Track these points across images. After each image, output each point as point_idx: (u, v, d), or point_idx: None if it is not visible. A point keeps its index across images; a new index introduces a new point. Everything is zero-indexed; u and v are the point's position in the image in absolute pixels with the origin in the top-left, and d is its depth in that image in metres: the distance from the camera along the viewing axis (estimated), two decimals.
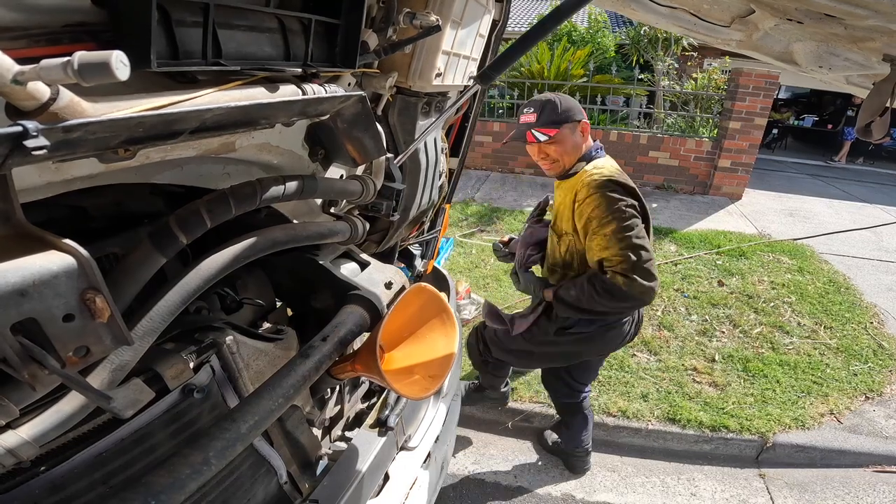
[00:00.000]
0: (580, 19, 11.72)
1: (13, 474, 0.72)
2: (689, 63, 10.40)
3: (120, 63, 0.33)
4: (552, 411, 2.92)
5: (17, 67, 0.33)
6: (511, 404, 3.32)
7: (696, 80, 8.24)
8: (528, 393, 3.44)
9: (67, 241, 0.43)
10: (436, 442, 1.67)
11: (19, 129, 0.32)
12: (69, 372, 0.46)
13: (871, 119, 1.10)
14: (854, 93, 1.66)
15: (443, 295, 1.26)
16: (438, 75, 1.26)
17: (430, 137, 1.45)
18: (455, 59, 1.33)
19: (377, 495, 1.35)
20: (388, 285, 1.27)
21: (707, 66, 9.60)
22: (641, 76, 9.07)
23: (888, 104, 1.07)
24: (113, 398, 0.52)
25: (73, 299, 0.44)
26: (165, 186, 1.10)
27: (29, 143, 0.32)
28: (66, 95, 0.37)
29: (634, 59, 9.70)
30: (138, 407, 0.72)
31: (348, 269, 1.25)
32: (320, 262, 1.20)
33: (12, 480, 0.72)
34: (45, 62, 0.33)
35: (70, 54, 0.35)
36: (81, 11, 0.48)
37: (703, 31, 1.44)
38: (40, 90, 0.35)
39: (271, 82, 0.66)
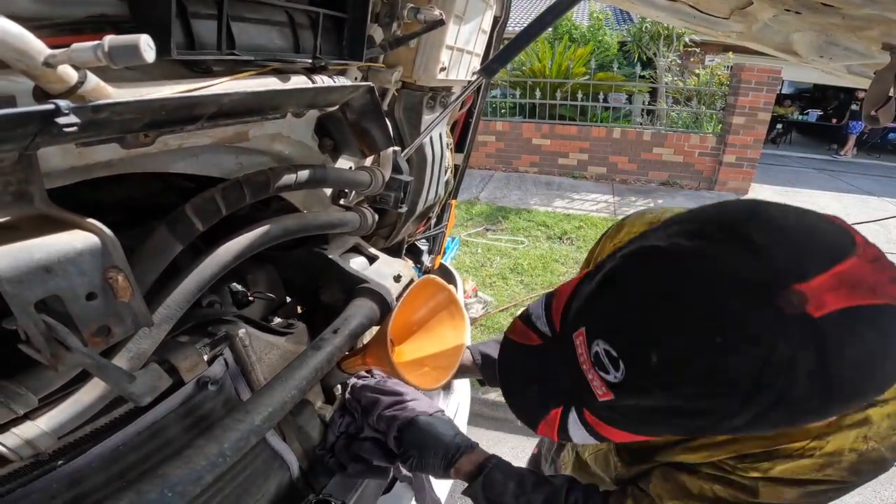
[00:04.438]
0: (581, 17, 11.73)
1: (30, 468, 0.72)
2: (691, 59, 10.39)
3: (147, 46, 0.35)
4: None
5: (48, 51, 0.35)
6: None
7: (698, 76, 8.24)
8: None
9: (91, 220, 0.45)
10: None
11: (51, 106, 0.34)
12: (92, 352, 0.48)
13: (875, 108, 1.11)
14: (856, 84, 1.67)
15: (451, 287, 1.27)
16: (443, 70, 1.28)
17: (436, 132, 1.47)
18: (459, 54, 1.35)
19: (389, 491, 1.36)
20: (397, 278, 1.29)
21: (709, 62, 9.59)
22: (643, 73, 9.08)
23: (891, 93, 1.08)
24: (135, 377, 0.53)
25: (96, 277, 0.46)
26: (177, 182, 1.12)
27: (61, 119, 0.34)
28: (93, 80, 0.39)
29: (636, 55, 9.69)
30: (156, 394, 0.73)
31: (357, 263, 1.27)
32: (329, 256, 1.22)
33: (29, 475, 0.72)
34: (76, 45, 0.35)
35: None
36: (102, 3, 0.51)
37: (703, 24, 1.45)
38: (69, 73, 0.37)
39: (282, 73, 0.69)
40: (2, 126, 0.33)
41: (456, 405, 1.91)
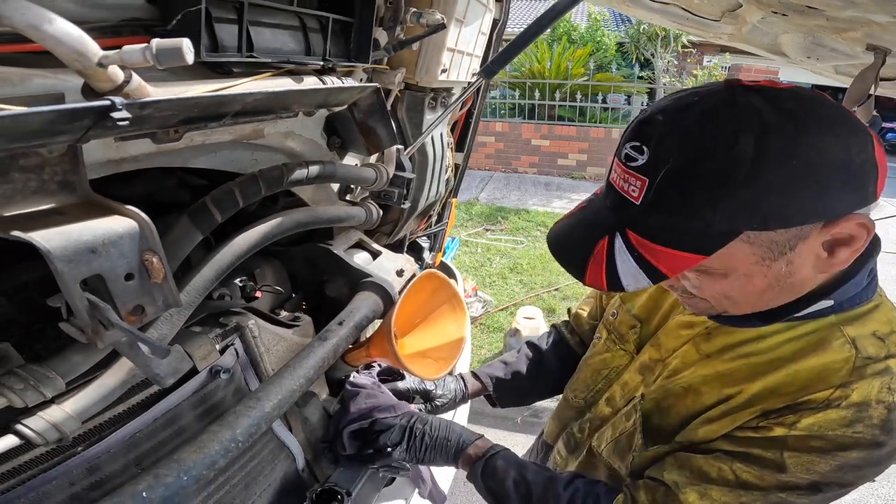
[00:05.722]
0: (580, 19, 11.77)
1: (51, 455, 0.75)
2: (689, 60, 10.45)
3: (188, 49, 0.39)
4: None
5: (101, 52, 0.39)
6: None
7: (696, 76, 8.30)
8: None
9: (130, 207, 0.49)
10: None
11: (108, 102, 0.38)
12: (131, 327, 0.52)
13: (855, 105, 1.15)
14: (844, 84, 1.71)
15: (452, 281, 1.31)
16: (444, 71, 1.33)
17: (437, 132, 1.52)
18: (459, 55, 1.40)
19: (391, 483, 1.39)
20: (400, 273, 1.33)
21: (707, 62, 9.64)
22: (642, 74, 9.13)
23: (871, 91, 1.12)
24: (169, 351, 0.58)
25: (134, 259, 0.50)
26: (191, 180, 1.17)
27: (115, 114, 0.38)
28: (137, 79, 0.43)
29: (634, 56, 9.75)
30: (179, 375, 0.77)
31: (361, 259, 1.31)
32: (334, 252, 1.26)
33: (50, 461, 0.74)
34: (126, 48, 0.40)
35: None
36: (136, 8, 0.56)
37: (695, 26, 1.50)
38: (117, 73, 0.41)
39: (295, 74, 0.74)
40: (62, 119, 0.37)
41: None
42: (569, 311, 1.35)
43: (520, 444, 3.19)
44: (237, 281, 1.28)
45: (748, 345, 0.77)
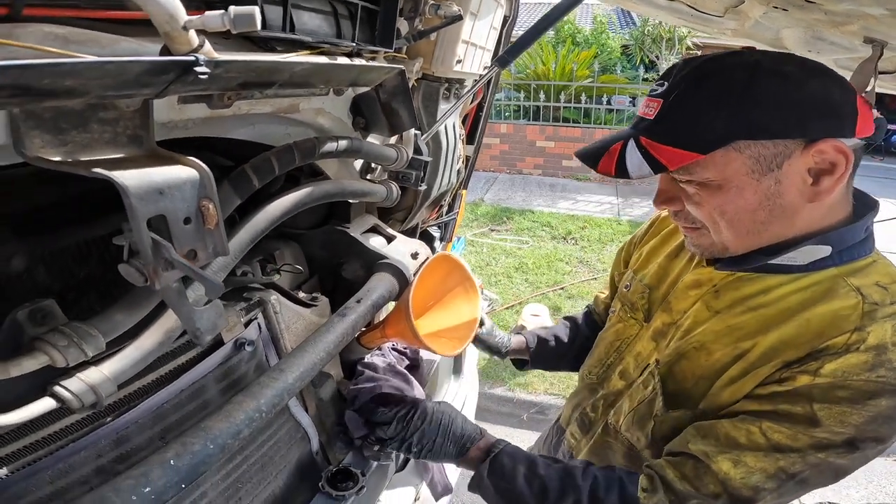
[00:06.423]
0: (584, 21, 11.84)
1: (80, 425, 0.75)
2: None
3: (258, 16, 0.45)
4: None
5: (186, 17, 0.46)
6: (526, 396, 3.40)
7: None
8: (543, 385, 3.52)
9: (191, 157, 0.55)
10: None
11: (192, 58, 0.44)
12: (191, 264, 0.57)
13: None
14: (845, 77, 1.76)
15: (465, 263, 1.37)
16: (459, 62, 1.40)
17: (450, 122, 1.58)
18: (472, 48, 1.47)
19: (402, 469, 1.43)
20: (414, 255, 1.38)
21: None
22: (646, 76, 9.19)
23: (870, 85, 1.17)
24: (224, 288, 0.62)
25: (193, 204, 0.55)
26: (217, 160, 1.23)
27: (198, 69, 0.44)
28: (208, 45, 0.49)
29: (639, 58, 9.82)
30: (217, 331, 0.80)
31: (376, 242, 1.36)
32: (351, 234, 1.31)
33: (79, 431, 0.75)
34: (207, 13, 0.46)
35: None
36: None
37: (700, 22, 1.56)
38: (194, 38, 0.48)
39: (329, 55, 0.80)
40: (154, 70, 0.43)
41: (463, 398, 1.98)
42: (596, 298, 1.41)
43: (525, 440, 3.23)
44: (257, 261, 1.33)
45: (756, 297, 0.81)
